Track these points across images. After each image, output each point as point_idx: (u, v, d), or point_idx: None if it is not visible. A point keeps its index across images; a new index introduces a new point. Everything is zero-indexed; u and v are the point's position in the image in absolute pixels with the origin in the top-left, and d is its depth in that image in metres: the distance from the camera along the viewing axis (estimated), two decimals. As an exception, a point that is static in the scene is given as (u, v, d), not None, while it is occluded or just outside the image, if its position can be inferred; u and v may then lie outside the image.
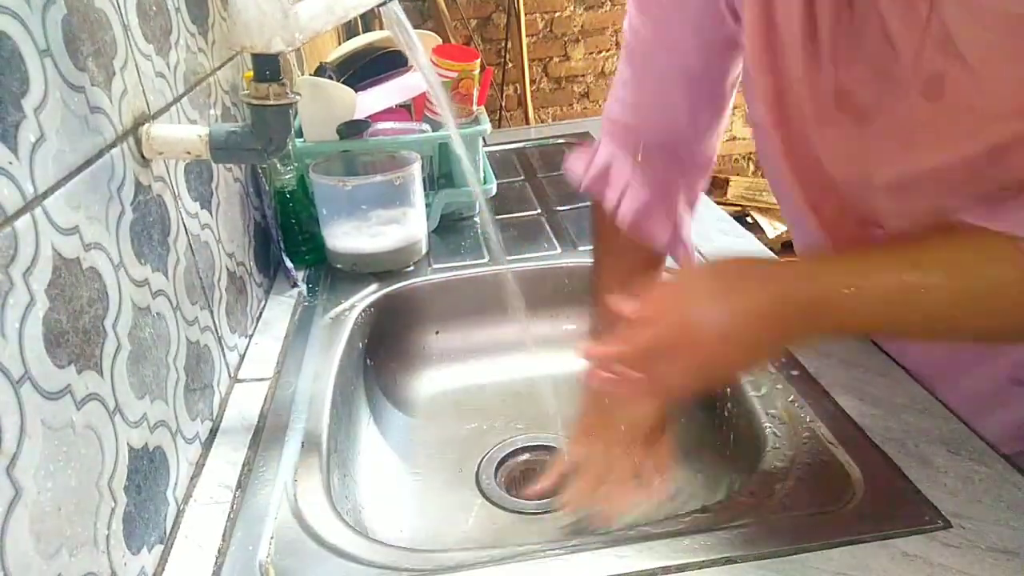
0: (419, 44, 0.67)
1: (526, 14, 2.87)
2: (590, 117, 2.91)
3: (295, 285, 0.94)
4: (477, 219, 1.12)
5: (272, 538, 0.56)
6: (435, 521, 0.74)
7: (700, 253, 0.94)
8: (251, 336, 0.84)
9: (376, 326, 0.91)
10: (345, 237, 0.96)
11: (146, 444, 0.54)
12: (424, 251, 1.01)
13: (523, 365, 0.95)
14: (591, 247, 0.79)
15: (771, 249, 0.95)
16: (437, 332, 0.97)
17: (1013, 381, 0.61)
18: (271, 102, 0.58)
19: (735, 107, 0.79)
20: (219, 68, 0.83)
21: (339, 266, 0.98)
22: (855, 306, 0.47)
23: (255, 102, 0.59)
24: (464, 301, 0.96)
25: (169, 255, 0.63)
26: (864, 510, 0.54)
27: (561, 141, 1.47)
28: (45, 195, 0.44)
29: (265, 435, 0.68)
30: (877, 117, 0.52)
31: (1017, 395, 0.62)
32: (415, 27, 0.66)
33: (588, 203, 1.08)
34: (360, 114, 1.01)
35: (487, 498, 0.76)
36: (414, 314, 0.96)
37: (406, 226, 0.96)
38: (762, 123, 0.59)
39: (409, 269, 0.97)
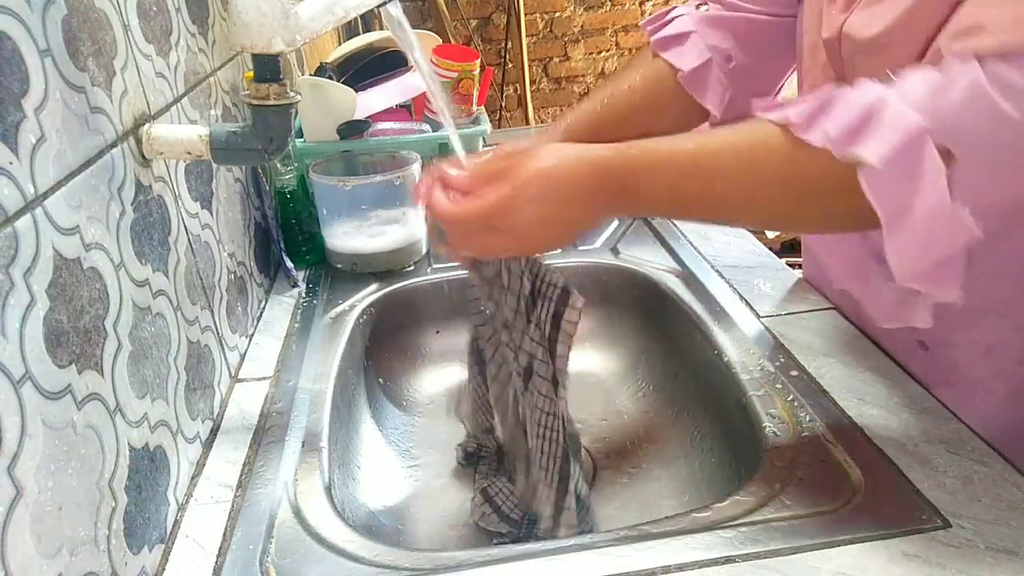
0: (417, 44, 0.67)
1: (526, 14, 2.87)
2: (590, 117, 2.90)
3: (295, 285, 0.94)
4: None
5: (272, 538, 0.56)
6: (435, 521, 0.74)
7: (698, 250, 0.94)
8: (251, 336, 0.84)
9: (376, 326, 0.91)
10: (345, 237, 0.96)
11: (147, 444, 0.54)
12: (424, 251, 1.01)
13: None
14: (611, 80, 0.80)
15: (771, 249, 0.95)
16: (437, 332, 0.97)
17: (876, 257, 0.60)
18: (271, 102, 0.58)
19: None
20: (219, 68, 0.83)
21: (339, 266, 0.98)
22: (651, 168, 0.52)
23: (255, 102, 0.59)
24: (464, 301, 0.96)
25: (169, 255, 0.63)
26: (864, 510, 0.54)
27: (561, 141, 1.47)
28: (45, 195, 0.44)
29: (265, 435, 0.68)
30: None
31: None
32: (415, 27, 0.66)
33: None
34: (360, 114, 1.01)
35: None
36: (414, 314, 0.96)
37: (406, 226, 0.96)
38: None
39: (409, 269, 0.97)
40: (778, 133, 0.50)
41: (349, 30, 1.88)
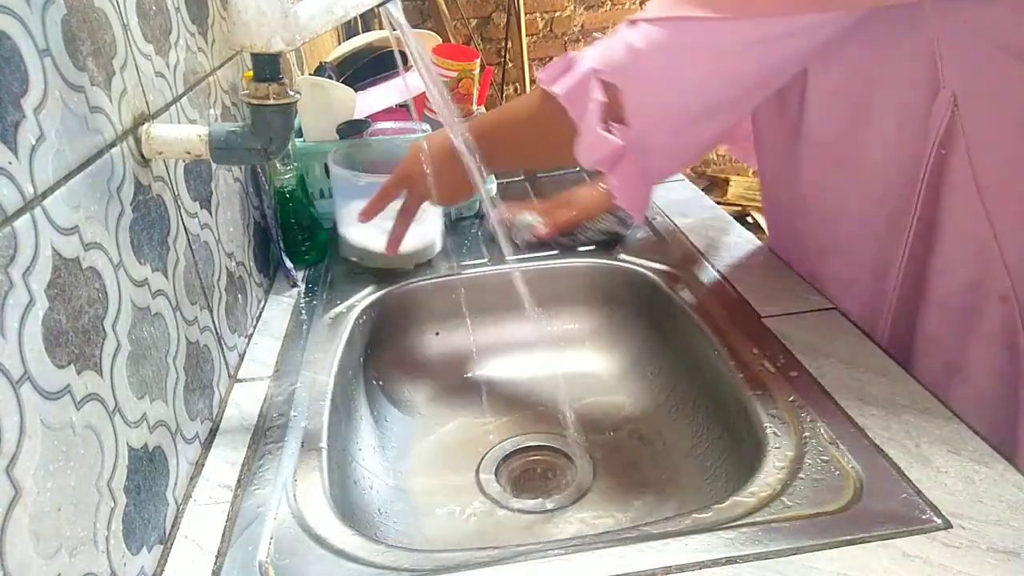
0: (416, 44, 0.67)
1: (526, 14, 2.87)
2: (590, 117, 2.90)
3: (295, 285, 0.94)
4: (477, 219, 1.12)
5: (272, 538, 0.56)
6: (435, 521, 0.74)
7: (698, 250, 0.94)
8: (251, 336, 0.84)
9: (376, 326, 0.91)
10: (360, 231, 0.93)
11: (146, 444, 0.54)
12: (439, 248, 0.99)
13: (523, 365, 0.95)
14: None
15: (771, 248, 0.95)
16: (437, 333, 0.97)
17: None
18: (271, 102, 0.58)
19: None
20: (219, 68, 0.83)
21: (353, 259, 0.96)
22: (485, 133, 0.77)
23: (255, 102, 0.58)
24: (464, 302, 0.96)
25: (169, 255, 0.63)
26: (864, 510, 0.54)
27: (561, 141, 1.47)
28: (45, 195, 0.44)
29: (264, 435, 0.68)
30: None
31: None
32: (415, 27, 0.67)
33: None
34: (360, 114, 1.01)
35: (487, 498, 0.76)
36: (414, 314, 0.95)
37: (422, 224, 0.91)
38: None
39: (417, 268, 0.96)
40: (540, 91, 0.72)
41: (349, 30, 1.87)
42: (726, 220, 1.04)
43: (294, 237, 0.97)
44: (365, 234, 0.93)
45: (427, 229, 0.95)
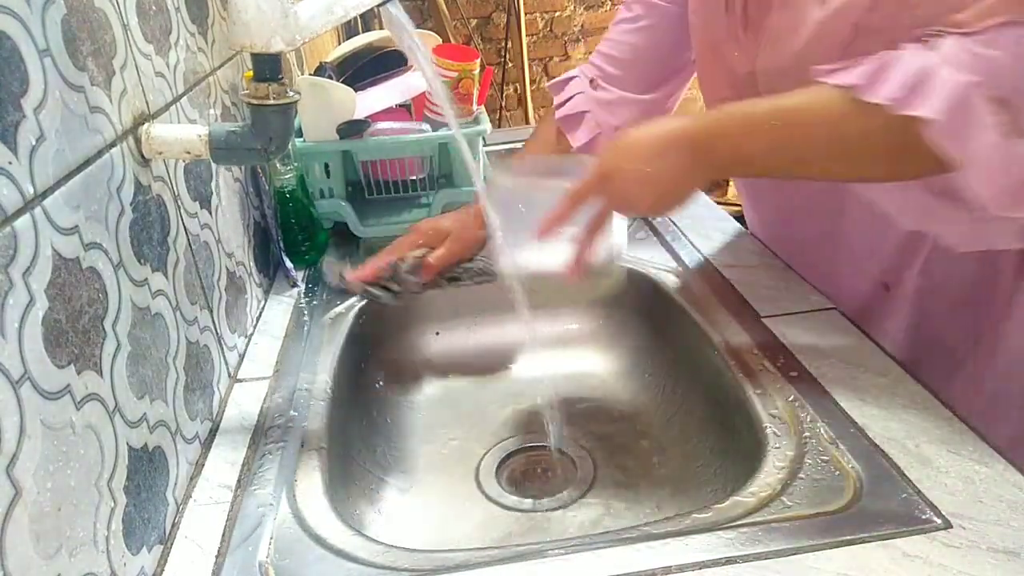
0: (420, 43, 0.67)
1: (526, 14, 2.87)
2: (590, 117, 2.90)
3: (294, 285, 0.94)
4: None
5: (272, 538, 0.56)
6: (435, 521, 0.74)
7: (698, 250, 0.94)
8: (251, 336, 0.84)
9: (376, 326, 0.91)
10: (527, 255, 0.69)
11: (146, 444, 0.54)
12: (623, 273, 0.72)
13: (523, 365, 0.95)
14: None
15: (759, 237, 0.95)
16: (437, 333, 0.97)
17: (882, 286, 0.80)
18: (271, 102, 0.58)
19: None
20: (219, 68, 0.83)
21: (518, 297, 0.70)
22: (740, 128, 0.61)
23: (255, 102, 0.59)
24: (464, 302, 0.96)
25: (169, 255, 0.63)
26: (864, 510, 0.54)
27: (561, 141, 1.47)
28: (45, 195, 0.44)
29: (264, 435, 0.68)
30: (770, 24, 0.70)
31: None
32: (415, 27, 0.67)
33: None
34: (360, 114, 1.01)
35: (487, 498, 0.76)
36: (414, 315, 0.95)
37: (609, 239, 0.67)
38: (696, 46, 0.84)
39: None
40: (840, 96, 0.56)
41: (349, 29, 1.87)
42: (726, 220, 1.04)
43: (294, 237, 0.97)
44: (532, 258, 0.69)
45: (615, 244, 0.69)
